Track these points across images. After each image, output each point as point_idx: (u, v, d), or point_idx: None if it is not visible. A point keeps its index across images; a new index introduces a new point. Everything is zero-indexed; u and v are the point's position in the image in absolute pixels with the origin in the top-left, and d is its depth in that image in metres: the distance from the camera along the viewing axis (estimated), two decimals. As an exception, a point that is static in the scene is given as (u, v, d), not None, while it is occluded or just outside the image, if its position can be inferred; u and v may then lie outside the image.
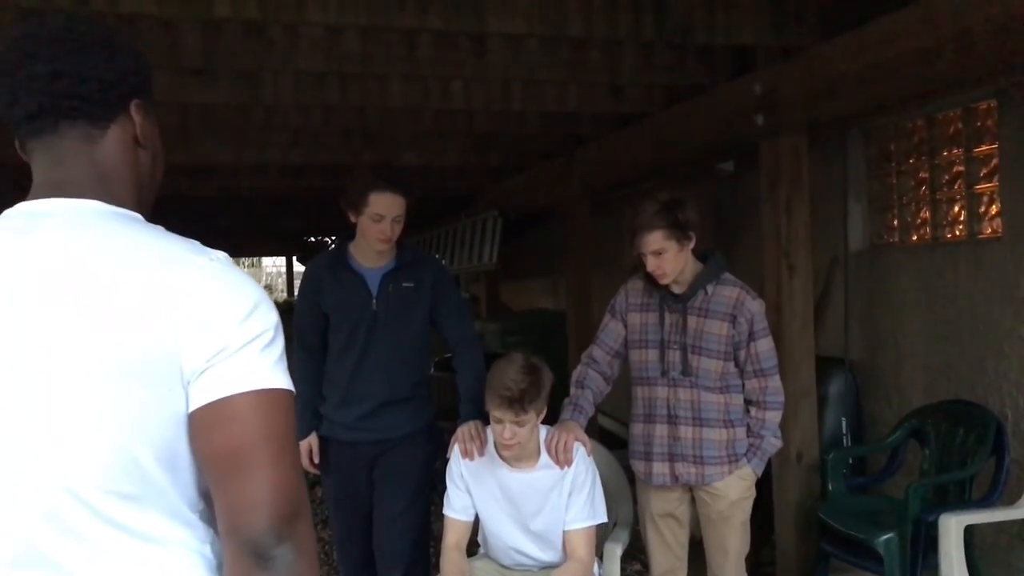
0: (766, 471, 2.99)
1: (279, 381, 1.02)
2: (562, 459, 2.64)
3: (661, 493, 2.90)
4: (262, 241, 14.75)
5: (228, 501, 0.99)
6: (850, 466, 3.80)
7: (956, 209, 3.97)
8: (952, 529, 3.10)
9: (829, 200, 4.42)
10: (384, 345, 2.89)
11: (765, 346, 2.80)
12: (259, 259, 25.88)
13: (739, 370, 2.82)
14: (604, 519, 2.73)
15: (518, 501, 2.67)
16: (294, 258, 17.24)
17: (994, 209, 3.73)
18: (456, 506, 2.72)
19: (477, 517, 2.76)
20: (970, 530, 3.18)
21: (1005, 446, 3.30)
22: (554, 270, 8.55)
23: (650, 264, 2.74)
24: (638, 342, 2.89)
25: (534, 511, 2.67)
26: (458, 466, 2.73)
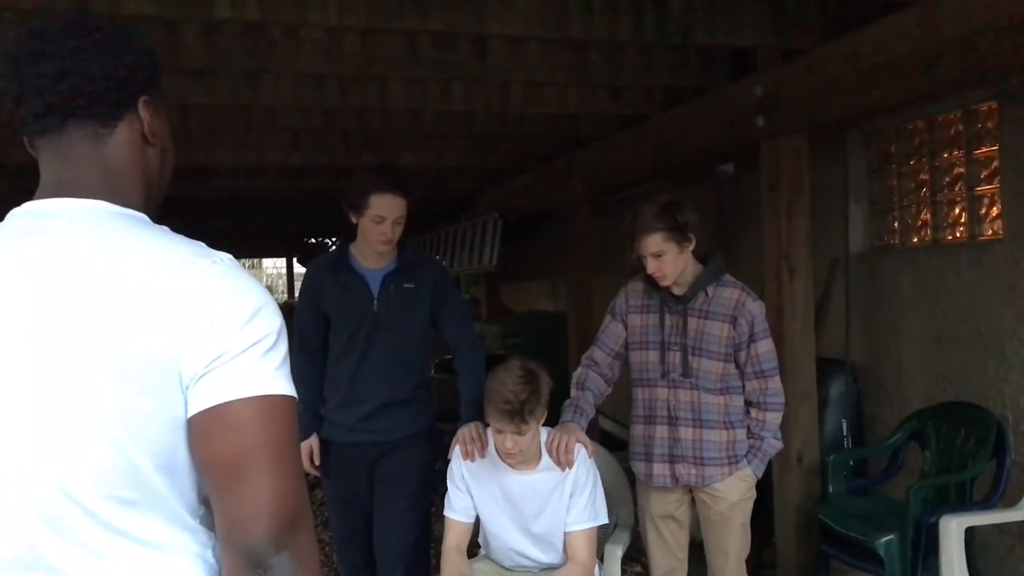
0: (766, 473, 2.98)
1: (280, 387, 1.01)
2: (563, 461, 2.64)
3: (661, 494, 2.90)
4: (262, 242, 14.73)
5: (227, 509, 0.98)
6: (851, 468, 3.80)
7: (957, 211, 3.97)
8: (953, 531, 3.10)
9: (830, 202, 4.41)
10: (385, 346, 2.89)
11: (765, 347, 2.80)
12: (260, 261, 25.86)
13: (739, 371, 2.82)
14: (605, 521, 2.73)
15: (519, 503, 2.67)
16: (294, 259, 17.23)
17: (995, 211, 3.73)
18: (457, 507, 2.72)
19: (478, 519, 2.76)
20: (971, 532, 3.18)
21: (1006, 448, 3.30)
22: (554, 272, 8.54)
23: (650, 266, 2.74)
24: (638, 344, 2.89)
25: (535, 513, 2.67)
26: (459, 467, 2.73)
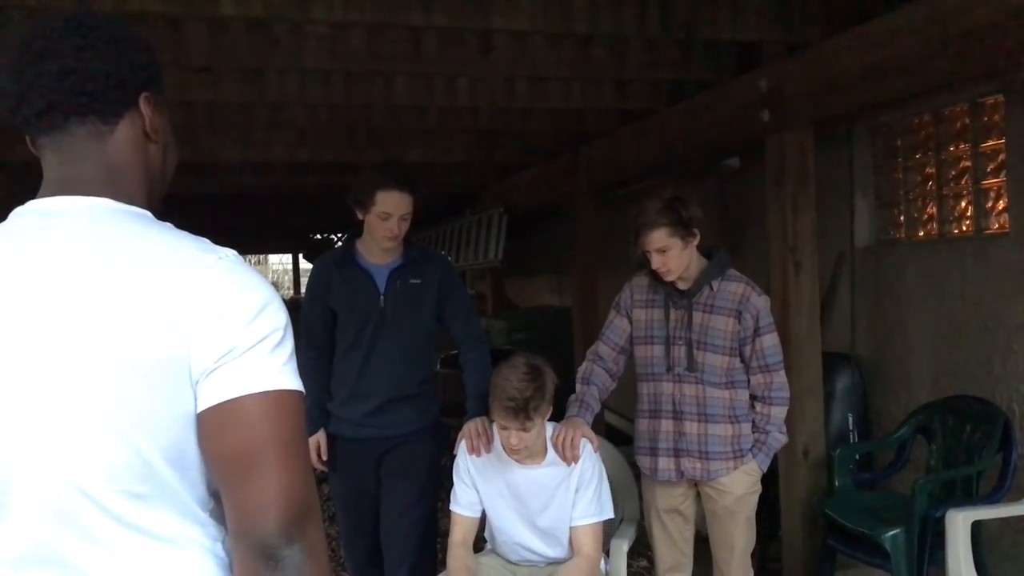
0: (772, 467, 2.99)
1: (288, 382, 1.02)
2: (569, 456, 2.65)
3: (666, 489, 2.90)
4: (268, 239, 14.76)
5: (237, 503, 0.99)
6: (857, 462, 3.79)
7: (963, 204, 3.96)
8: (959, 525, 3.10)
9: (835, 196, 4.40)
10: (391, 342, 2.90)
11: (770, 342, 2.80)
12: (265, 257, 25.92)
13: (744, 366, 2.82)
14: (611, 515, 2.73)
15: (525, 497, 2.68)
16: (300, 255, 17.26)
17: (1001, 204, 3.71)
18: (463, 502, 2.73)
19: (484, 513, 2.77)
20: (977, 526, 3.18)
21: (1012, 442, 3.29)
22: (560, 267, 8.54)
23: (655, 261, 2.75)
24: (643, 338, 2.89)
25: (541, 507, 2.67)
26: (465, 462, 2.74)
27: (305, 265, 16.86)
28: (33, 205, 1.07)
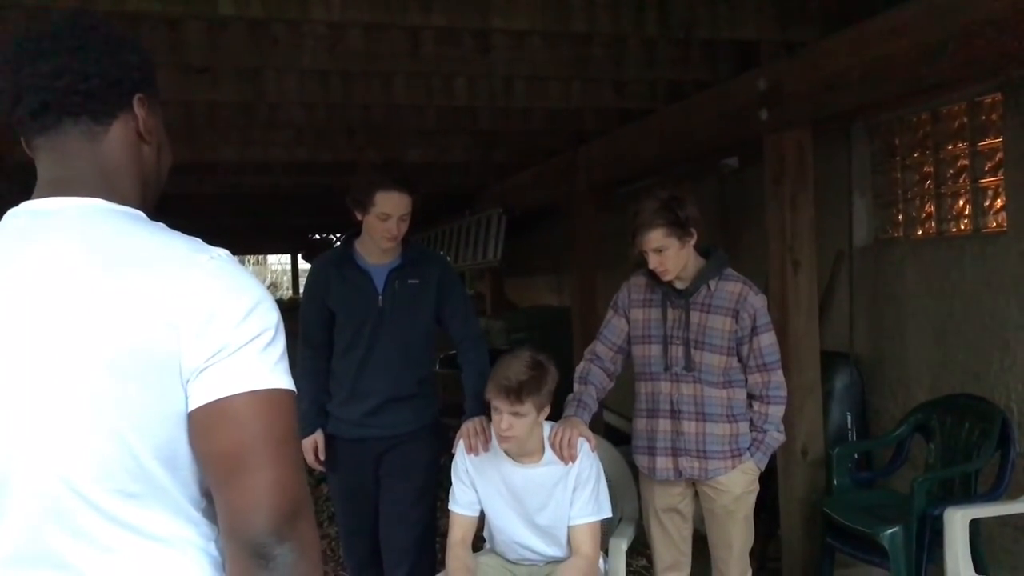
0: (771, 466, 2.99)
1: (279, 381, 1.02)
2: (566, 455, 2.65)
3: (665, 488, 2.91)
4: (267, 239, 14.76)
5: (229, 502, 0.99)
6: (855, 461, 3.79)
7: (961, 203, 3.96)
8: (957, 523, 3.10)
9: (834, 195, 4.41)
10: (389, 342, 2.90)
11: (768, 341, 2.80)
12: (264, 257, 25.90)
13: (742, 365, 2.82)
14: (609, 514, 2.74)
15: (523, 496, 2.68)
16: (299, 255, 17.26)
17: (999, 203, 3.72)
18: (461, 501, 2.73)
19: (482, 513, 2.77)
20: (975, 524, 3.18)
21: (1010, 440, 3.30)
22: (559, 267, 8.54)
23: (652, 261, 2.75)
24: (641, 338, 2.89)
25: (539, 506, 2.68)
26: (463, 462, 2.75)
27: (304, 265, 16.86)
28: (27, 206, 1.08)
